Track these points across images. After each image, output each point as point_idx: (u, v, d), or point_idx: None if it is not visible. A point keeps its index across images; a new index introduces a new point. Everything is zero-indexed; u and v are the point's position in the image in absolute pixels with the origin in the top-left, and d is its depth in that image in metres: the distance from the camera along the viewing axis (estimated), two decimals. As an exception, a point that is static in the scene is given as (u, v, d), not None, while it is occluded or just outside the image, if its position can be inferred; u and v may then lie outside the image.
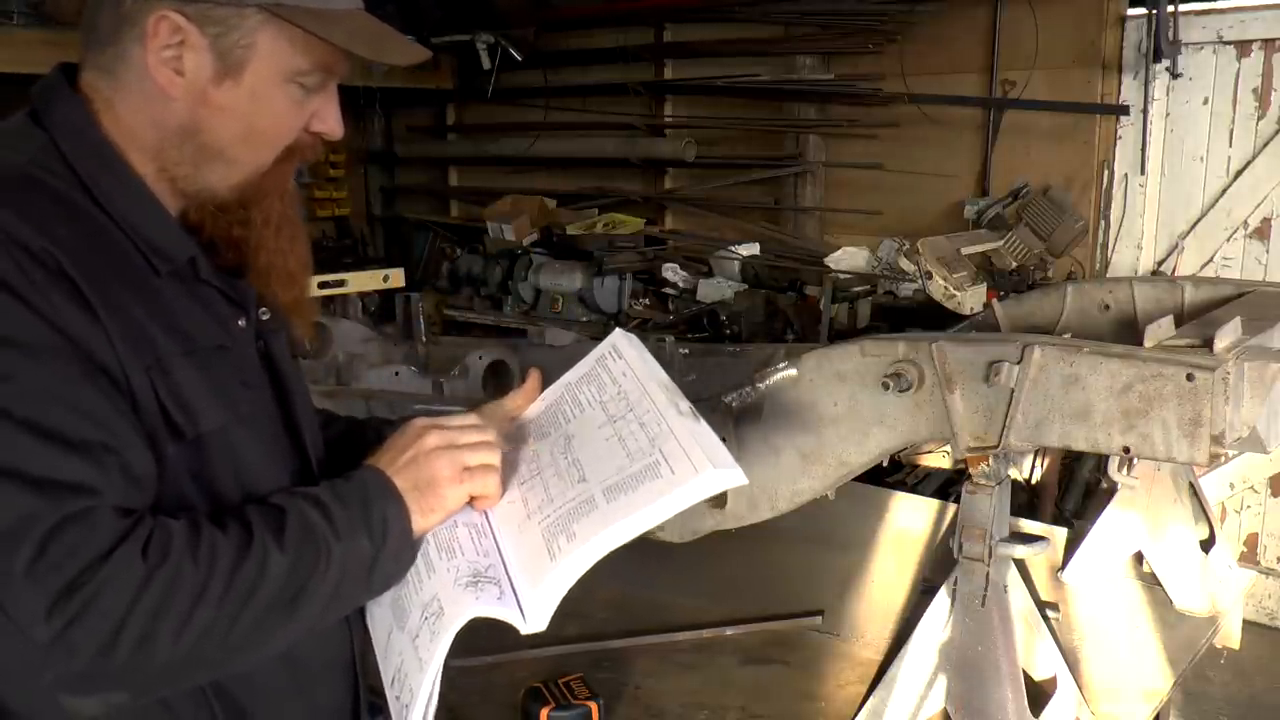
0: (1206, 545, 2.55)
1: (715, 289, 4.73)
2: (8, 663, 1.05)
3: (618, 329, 1.37)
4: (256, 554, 1.06)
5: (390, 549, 1.16)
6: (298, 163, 1.23)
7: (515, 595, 1.12)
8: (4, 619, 0.99)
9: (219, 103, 1.13)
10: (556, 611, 1.12)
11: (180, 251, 1.15)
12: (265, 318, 1.26)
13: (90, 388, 1.03)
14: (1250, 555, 4.18)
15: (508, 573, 1.15)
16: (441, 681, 1.15)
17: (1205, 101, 4.11)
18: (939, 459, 2.33)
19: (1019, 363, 1.77)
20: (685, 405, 1.22)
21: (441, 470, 1.19)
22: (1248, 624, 2.90)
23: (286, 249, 1.25)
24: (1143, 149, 4.20)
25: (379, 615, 1.25)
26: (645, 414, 1.21)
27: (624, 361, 1.31)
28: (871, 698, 2.09)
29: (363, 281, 4.88)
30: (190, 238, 1.18)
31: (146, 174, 1.15)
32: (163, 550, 1.01)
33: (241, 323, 1.21)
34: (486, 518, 1.23)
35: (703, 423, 1.19)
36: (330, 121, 1.21)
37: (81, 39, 1.16)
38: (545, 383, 1.38)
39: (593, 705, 2.75)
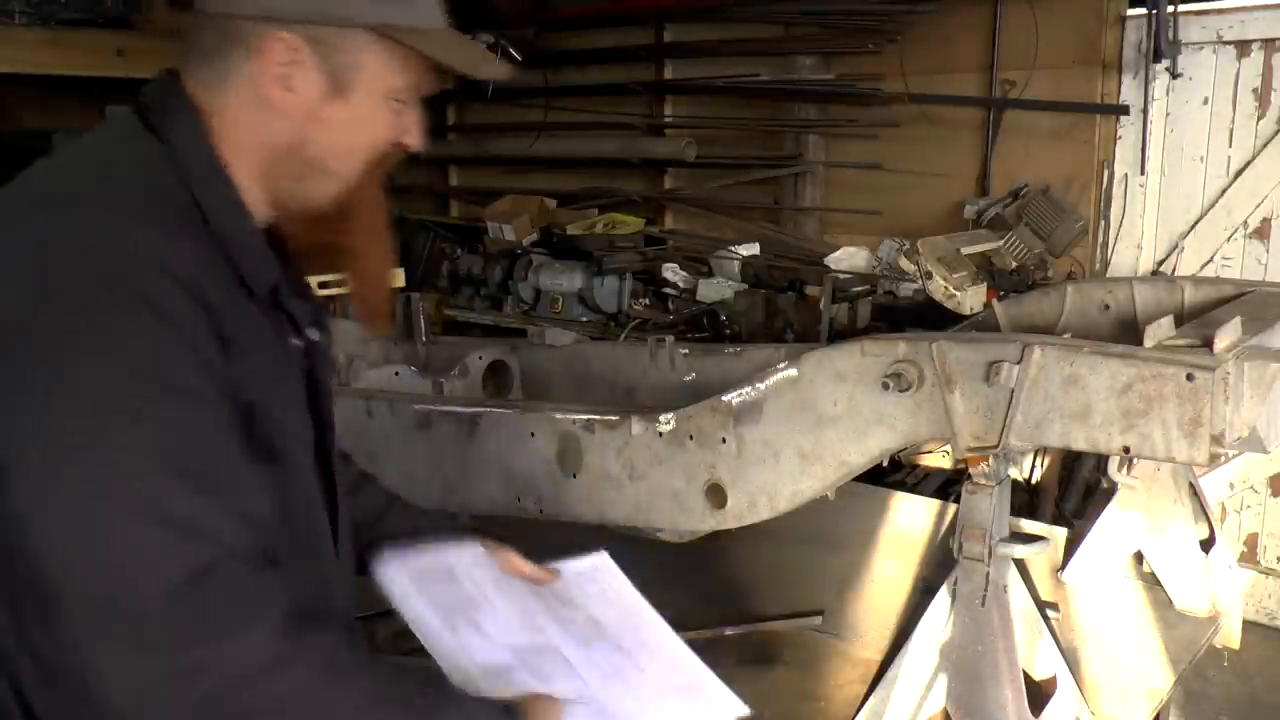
0: (1206, 545, 2.55)
1: (715, 289, 4.72)
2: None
3: (604, 553, 1.51)
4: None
5: None
6: (384, 173, 1.27)
7: None
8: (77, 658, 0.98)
9: (326, 119, 1.17)
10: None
11: (269, 276, 1.19)
12: (315, 339, 1.29)
13: (223, 433, 1.05)
14: (1250, 555, 4.18)
15: None
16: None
17: (1205, 101, 4.10)
18: (939, 459, 2.33)
19: (1019, 363, 1.77)
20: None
21: None
22: (1248, 624, 2.90)
23: (381, 255, 1.31)
24: (1143, 149, 4.19)
25: None
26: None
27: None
28: (871, 698, 2.09)
29: (363, 281, 4.87)
30: (276, 261, 1.21)
31: (246, 187, 1.18)
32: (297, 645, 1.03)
33: (296, 342, 1.25)
34: None
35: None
36: (416, 135, 1.25)
37: (182, 51, 1.19)
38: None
39: (593, 705, 2.74)
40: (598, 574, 1.48)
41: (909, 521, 2.75)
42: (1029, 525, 2.33)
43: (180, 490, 0.99)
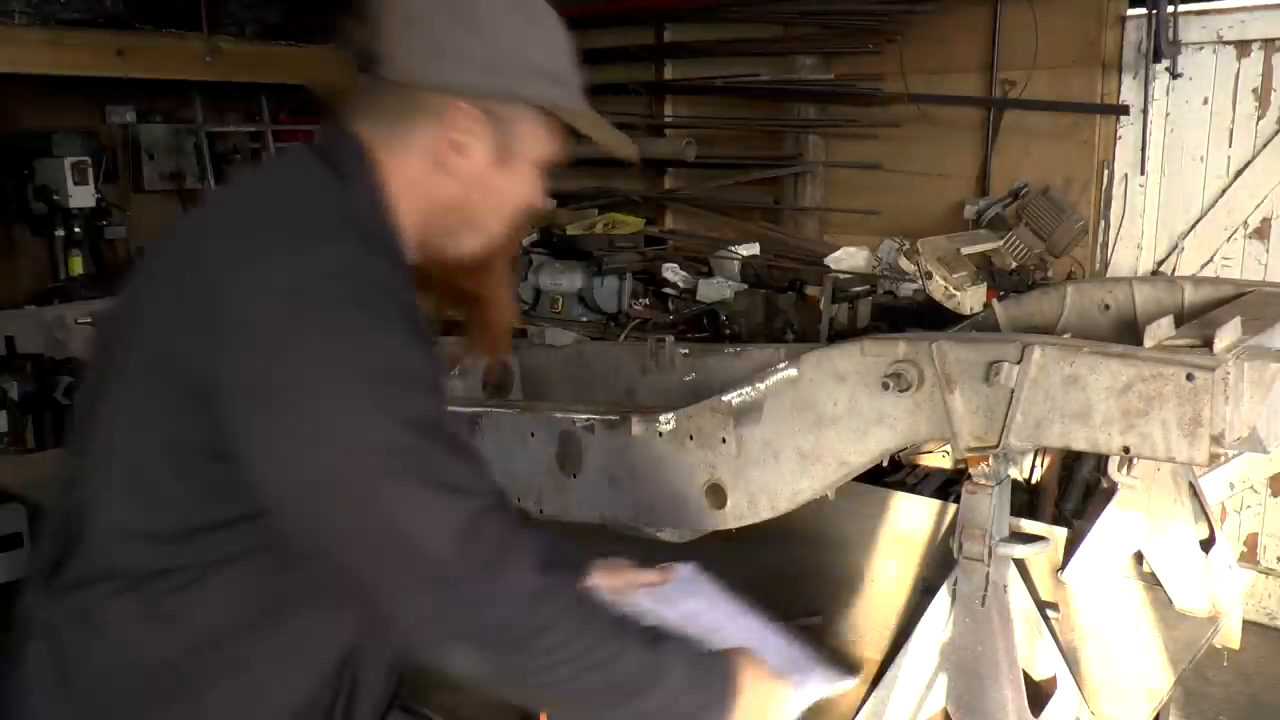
0: (1206, 545, 2.55)
1: (715, 289, 4.72)
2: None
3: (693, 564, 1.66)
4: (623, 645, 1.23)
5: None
6: (519, 229, 1.44)
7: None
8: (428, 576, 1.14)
9: (489, 183, 1.33)
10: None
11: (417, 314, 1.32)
12: None
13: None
14: (1250, 555, 4.18)
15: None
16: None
17: (1205, 101, 4.11)
18: (939, 459, 2.33)
19: (1019, 363, 1.77)
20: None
21: None
22: (1248, 624, 2.89)
23: (508, 301, 1.49)
24: (1143, 149, 4.20)
25: None
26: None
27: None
28: (871, 698, 2.08)
29: (363, 281, 4.87)
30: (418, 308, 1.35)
31: (405, 234, 1.31)
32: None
33: None
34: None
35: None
36: (541, 195, 1.42)
37: (357, 106, 1.32)
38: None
39: (593, 705, 2.73)
40: (695, 576, 1.61)
41: (909, 521, 2.75)
42: (1029, 525, 2.32)
43: (448, 460, 1.17)
